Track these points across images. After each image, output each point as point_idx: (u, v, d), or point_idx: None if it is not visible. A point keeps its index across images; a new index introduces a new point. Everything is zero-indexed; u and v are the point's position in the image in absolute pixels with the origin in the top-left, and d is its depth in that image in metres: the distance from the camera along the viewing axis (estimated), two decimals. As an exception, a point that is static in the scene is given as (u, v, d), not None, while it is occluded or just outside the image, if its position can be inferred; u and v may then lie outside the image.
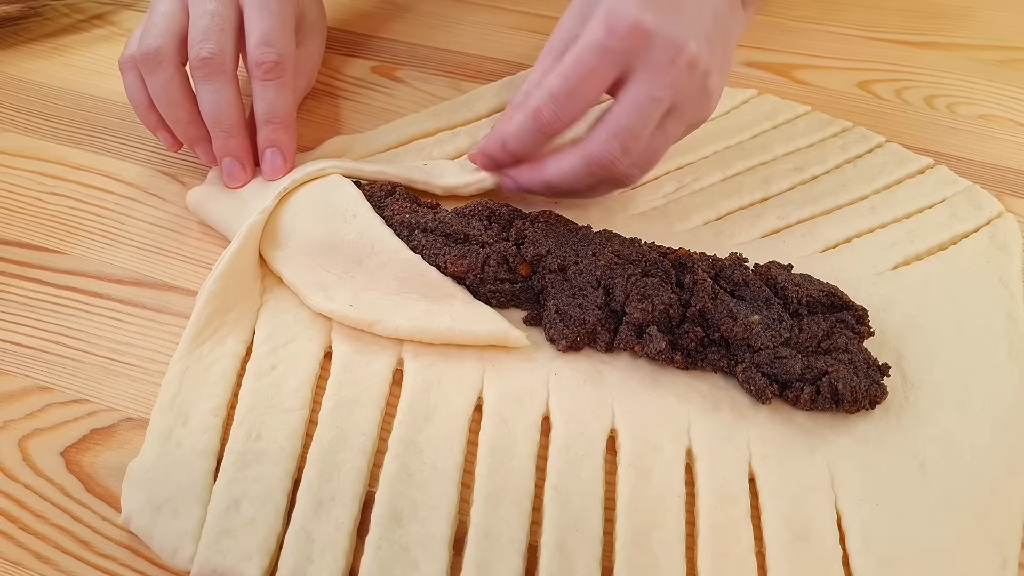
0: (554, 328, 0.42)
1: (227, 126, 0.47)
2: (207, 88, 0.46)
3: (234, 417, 0.38)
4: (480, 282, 0.43)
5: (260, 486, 0.35)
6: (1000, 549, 0.35)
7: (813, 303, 0.42)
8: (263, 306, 0.43)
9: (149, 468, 0.35)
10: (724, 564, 0.34)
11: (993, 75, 0.63)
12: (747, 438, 0.38)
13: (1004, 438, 0.39)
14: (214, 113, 0.47)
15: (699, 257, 0.43)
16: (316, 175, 0.46)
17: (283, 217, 0.45)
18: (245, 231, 0.43)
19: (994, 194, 0.52)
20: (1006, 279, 0.46)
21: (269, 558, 0.33)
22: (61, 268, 0.46)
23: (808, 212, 0.50)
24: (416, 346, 0.41)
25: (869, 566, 0.34)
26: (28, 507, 0.36)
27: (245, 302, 0.42)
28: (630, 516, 0.35)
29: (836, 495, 0.36)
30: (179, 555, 0.33)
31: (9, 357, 0.41)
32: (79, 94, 0.58)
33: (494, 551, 0.34)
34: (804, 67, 0.64)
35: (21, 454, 0.37)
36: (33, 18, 0.66)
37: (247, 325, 0.42)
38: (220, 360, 0.40)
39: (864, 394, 0.38)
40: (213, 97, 0.46)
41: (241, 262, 0.43)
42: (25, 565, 0.34)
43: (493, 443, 0.37)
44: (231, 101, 0.47)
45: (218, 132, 0.47)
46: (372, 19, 0.67)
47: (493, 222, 0.45)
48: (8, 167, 0.52)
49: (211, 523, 0.34)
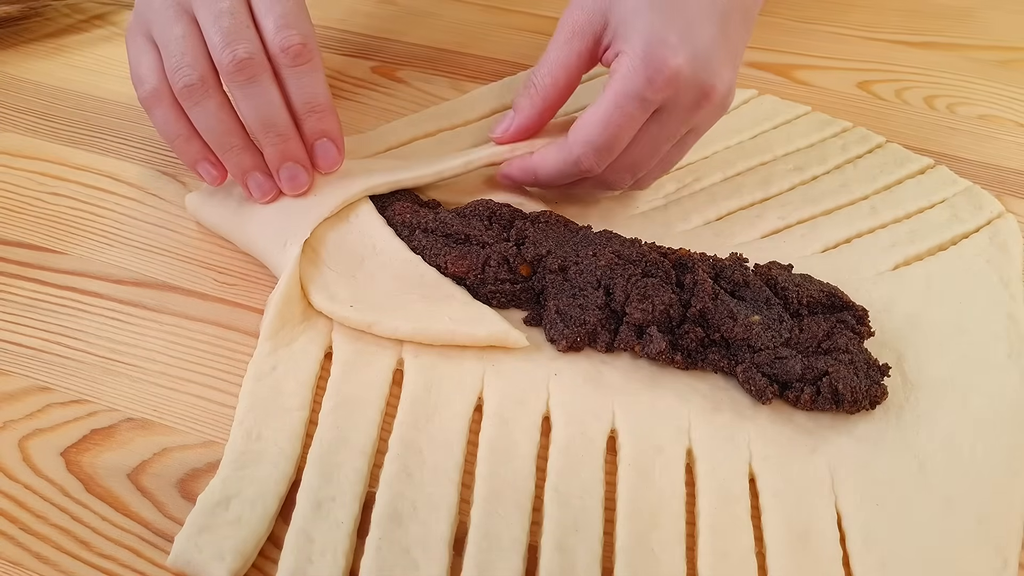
0: (554, 328, 0.42)
1: (281, 128, 0.43)
2: (251, 92, 0.42)
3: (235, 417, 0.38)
4: (480, 282, 0.43)
5: (254, 487, 0.35)
6: (1000, 549, 0.35)
7: (813, 303, 0.42)
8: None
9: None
10: (724, 564, 0.34)
11: (993, 75, 0.64)
12: (747, 438, 0.38)
13: (1004, 438, 0.39)
14: (265, 117, 0.42)
15: (699, 257, 0.43)
16: (353, 197, 0.45)
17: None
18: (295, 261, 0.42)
19: (994, 194, 0.52)
20: (1006, 279, 0.46)
21: (242, 561, 0.33)
22: (61, 268, 0.46)
23: (808, 212, 0.50)
24: (416, 347, 0.41)
25: (869, 566, 0.34)
26: (28, 507, 0.36)
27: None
28: (630, 516, 0.35)
29: (836, 495, 0.36)
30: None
31: (9, 357, 0.41)
32: (79, 94, 0.58)
33: (494, 551, 0.34)
34: (804, 67, 0.64)
35: (21, 454, 0.37)
36: (33, 18, 0.66)
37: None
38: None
39: (864, 394, 0.38)
40: (260, 100, 0.42)
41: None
42: (25, 565, 0.34)
43: (493, 444, 0.37)
44: (279, 102, 0.43)
45: (272, 138, 0.43)
46: (373, 19, 0.68)
47: (493, 222, 0.45)
48: (8, 167, 0.52)
49: (196, 517, 0.34)
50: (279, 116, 0.43)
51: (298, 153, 0.44)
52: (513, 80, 0.60)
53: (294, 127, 0.44)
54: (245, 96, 0.42)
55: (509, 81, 0.59)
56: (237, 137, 0.44)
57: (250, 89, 0.42)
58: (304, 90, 0.43)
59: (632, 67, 0.42)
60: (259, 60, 0.42)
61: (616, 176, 0.46)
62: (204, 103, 0.42)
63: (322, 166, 0.45)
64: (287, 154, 0.43)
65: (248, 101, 0.42)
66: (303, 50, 0.42)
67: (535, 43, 0.65)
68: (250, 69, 0.41)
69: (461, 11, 0.68)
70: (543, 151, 0.46)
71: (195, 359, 0.42)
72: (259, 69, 0.42)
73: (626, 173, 0.46)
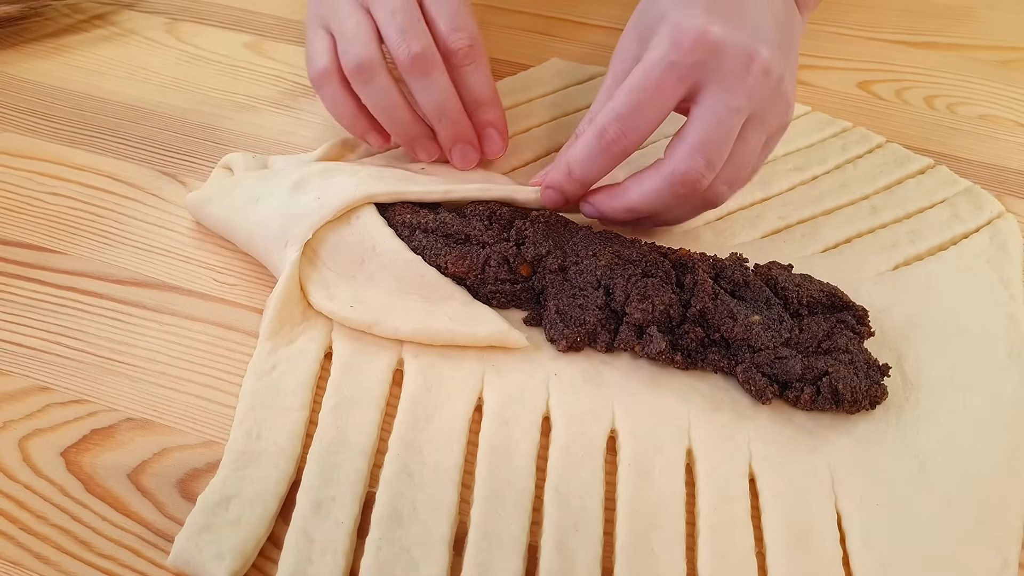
0: (554, 328, 0.42)
1: (454, 115, 0.47)
2: (425, 83, 0.46)
3: (235, 417, 0.38)
4: (480, 282, 0.43)
5: (254, 487, 0.35)
6: (1000, 549, 0.35)
7: (813, 303, 0.42)
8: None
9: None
10: (724, 564, 0.34)
11: (993, 75, 0.64)
12: (747, 438, 0.38)
13: (1004, 438, 0.39)
14: (439, 105, 0.47)
15: (699, 257, 0.43)
16: (349, 206, 0.44)
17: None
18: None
19: (994, 194, 0.52)
20: (1006, 279, 0.46)
21: (242, 561, 0.33)
22: (61, 268, 0.46)
23: (808, 212, 0.50)
24: (416, 347, 0.41)
25: (869, 566, 0.34)
26: (28, 507, 0.36)
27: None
28: (630, 516, 0.35)
29: (836, 495, 0.36)
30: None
31: (9, 357, 0.41)
32: (79, 94, 0.58)
33: (494, 551, 0.34)
34: (804, 67, 0.64)
35: (21, 454, 0.37)
36: (33, 18, 0.66)
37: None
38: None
39: (864, 394, 0.38)
40: (434, 91, 0.46)
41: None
42: (25, 565, 0.34)
43: (493, 443, 0.37)
44: (451, 90, 0.47)
45: (445, 123, 0.47)
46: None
47: (493, 222, 0.45)
48: (8, 167, 0.52)
49: (196, 517, 0.34)
50: (450, 103, 0.47)
51: (468, 135, 0.48)
52: (513, 80, 0.60)
53: (463, 112, 0.48)
54: (420, 88, 0.46)
55: (509, 81, 0.59)
56: (404, 112, 0.48)
57: (424, 81, 0.46)
58: (472, 86, 0.48)
59: (657, 41, 0.41)
60: (431, 55, 0.46)
61: (687, 166, 0.42)
62: (372, 82, 0.46)
63: (488, 153, 0.50)
64: (458, 136, 0.48)
65: (423, 93, 0.47)
66: (471, 51, 0.47)
67: (535, 43, 0.65)
68: (424, 63, 0.46)
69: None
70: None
71: (195, 359, 0.42)
72: (432, 63, 0.46)
73: (700, 159, 0.41)
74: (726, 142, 0.41)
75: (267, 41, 0.64)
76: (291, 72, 0.61)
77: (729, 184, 0.43)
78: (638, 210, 0.44)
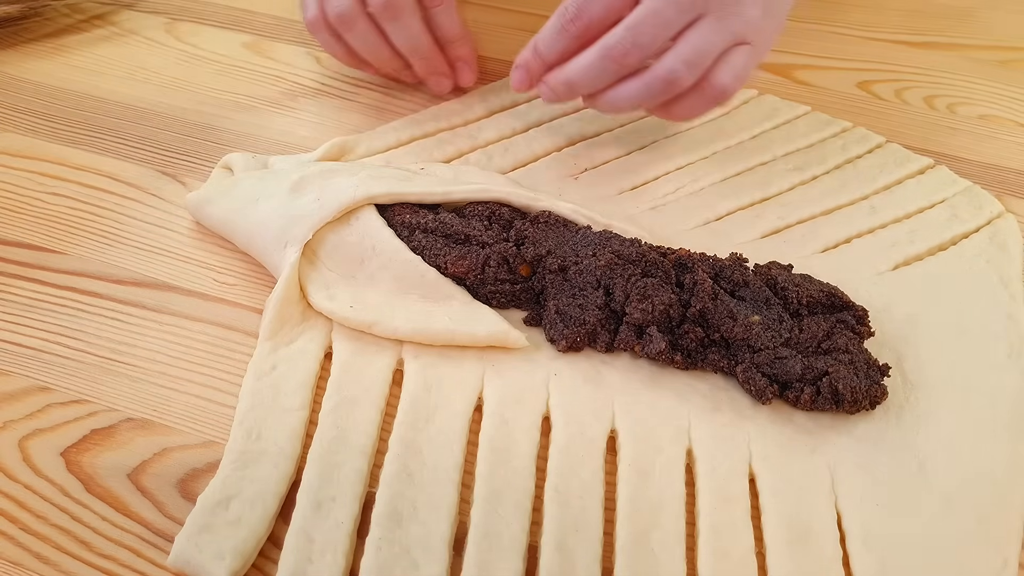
0: (554, 328, 0.42)
1: (424, 52, 0.54)
2: (397, 26, 0.53)
3: (235, 417, 0.38)
4: (480, 283, 0.43)
5: (254, 487, 0.35)
6: (1000, 549, 0.35)
7: (813, 303, 0.42)
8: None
9: None
10: (724, 564, 0.34)
11: (993, 75, 0.64)
12: (747, 438, 0.38)
13: (1004, 438, 0.39)
14: (409, 45, 0.54)
15: (699, 257, 0.43)
16: (351, 206, 0.44)
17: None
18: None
19: (994, 194, 0.52)
20: (1006, 279, 0.46)
21: (242, 561, 0.33)
22: (61, 268, 0.46)
23: (808, 212, 0.50)
24: (416, 347, 0.41)
25: (869, 566, 0.34)
26: (28, 507, 0.36)
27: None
28: (630, 516, 0.35)
29: (836, 495, 0.36)
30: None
31: (9, 357, 0.41)
32: (79, 94, 0.58)
33: (494, 551, 0.34)
34: (804, 67, 0.64)
35: (21, 454, 0.37)
36: (33, 18, 0.66)
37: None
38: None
39: (864, 394, 0.38)
40: (404, 33, 0.53)
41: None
42: (25, 565, 0.34)
43: (493, 444, 0.37)
44: (420, 30, 0.53)
45: (417, 59, 0.55)
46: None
47: (493, 223, 0.45)
48: (8, 167, 0.52)
49: (196, 516, 0.34)
50: (420, 41, 0.54)
51: (440, 66, 0.56)
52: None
53: (435, 47, 0.55)
54: (393, 30, 0.53)
55: (508, 82, 0.59)
56: (384, 51, 0.55)
57: (396, 24, 0.53)
58: (442, 24, 0.55)
59: None
60: (401, 1, 0.52)
61: (672, 65, 0.46)
62: (352, 30, 0.53)
63: (461, 82, 0.57)
64: (430, 69, 0.56)
65: (396, 35, 0.53)
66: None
67: (535, 43, 0.65)
68: (394, 9, 0.52)
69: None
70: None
71: (195, 359, 0.42)
72: (401, 9, 0.52)
73: (681, 65, 0.45)
74: (660, 26, 0.45)
75: (266, 41, 0.64)
76: (290, 72, 0.61)
77: (687, 64, 0.45)
78: (576, 82, 0.48)
